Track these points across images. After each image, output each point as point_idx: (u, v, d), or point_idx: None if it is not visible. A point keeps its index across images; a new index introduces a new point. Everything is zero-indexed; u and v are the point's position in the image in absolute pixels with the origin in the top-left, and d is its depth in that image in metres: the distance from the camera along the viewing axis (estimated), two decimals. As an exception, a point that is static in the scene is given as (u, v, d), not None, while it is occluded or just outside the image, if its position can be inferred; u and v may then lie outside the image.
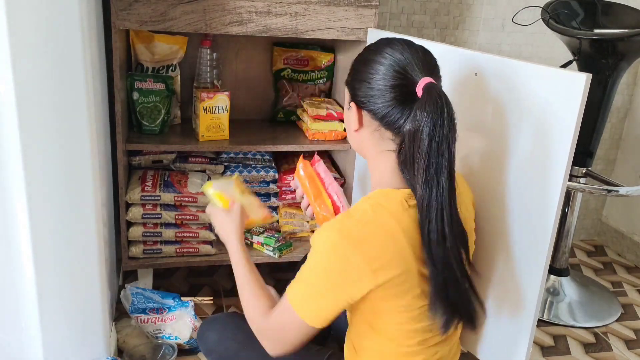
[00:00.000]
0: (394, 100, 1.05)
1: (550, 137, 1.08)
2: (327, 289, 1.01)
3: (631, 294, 2.19)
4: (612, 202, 2.58)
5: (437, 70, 1.09)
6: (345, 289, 1.00)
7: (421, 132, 0.99)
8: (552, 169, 1.08)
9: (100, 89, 1.48)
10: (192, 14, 1.55)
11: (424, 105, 1.00)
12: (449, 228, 1.01)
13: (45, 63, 1.14)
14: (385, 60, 1.06)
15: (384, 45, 1.09)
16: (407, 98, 1.05)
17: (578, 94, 1.02)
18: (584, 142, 1.93)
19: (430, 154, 0.99)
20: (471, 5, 2.15)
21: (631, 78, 2.40)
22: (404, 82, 1.05)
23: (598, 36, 1.83)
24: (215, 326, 1.34)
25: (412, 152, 1.01)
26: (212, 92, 1.74)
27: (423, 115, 0.99)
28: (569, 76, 1.04)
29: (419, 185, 1.00)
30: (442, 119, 0.99)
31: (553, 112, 1.07)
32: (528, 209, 1.15)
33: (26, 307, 1.31)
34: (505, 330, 1.24)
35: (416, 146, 1.00)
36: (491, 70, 1.20)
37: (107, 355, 1.43)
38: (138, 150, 1.82)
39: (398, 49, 1.07)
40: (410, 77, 1.05)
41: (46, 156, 1.20)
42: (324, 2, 1.63)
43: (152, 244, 1.76)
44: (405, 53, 1.07)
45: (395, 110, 1.05)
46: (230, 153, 1.91)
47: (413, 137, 1.00)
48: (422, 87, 1.03)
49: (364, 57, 1.10)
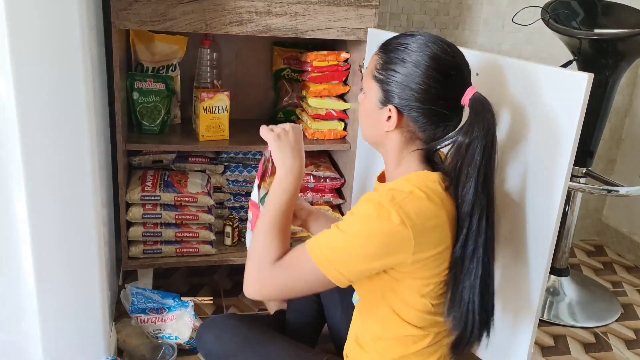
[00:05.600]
0: (442, 109, 1.05)
1: (552, 137, 1.08)
2: (364, 254, 1.00)
3: (631, 294, 2.19)
4: (612, 202, 2.58)
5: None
6: (385, 257, 1.00)
7: (475, 147, 1.01)
8: (554, 169, 1.08)
9: (100, 89, 1.48)
10: (192, 14, 1.55)
11: (480, 120, 1.01)
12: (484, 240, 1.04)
13: (45, 63, 1.14)
14: (433, 65, 1.04)
15: (430, 45, 1.05)
16: (455, 107, 1.06)
17: (580, 94, 1.02)
18: (584, 142, 1.93)
19: (480, 166, 1.02)
20: (471, 5, 2.15)
21: (631, 78, 2.40)
22: (455, 92, 1.05)
23: (598, 36, 1.83)
24: (213, 328, 1.35)
25: (462, 163, 1.03)
26: (212, 92, 1.74)
27: (479, 132, 1.01)
28: (571, 76, 1.04)
29: (469, 193, 1.02)
30: (493, 133, 1.03)
31: (555, 111, 1.07)
32: (529, 208, 1.15)
33: (26, 307, 1.31)
34: (507, 330, 1.24)
35: (469, 158, 1.02)
36: (492, 70, 1.20)
37: (107, 355, 1.43)
38: (138, 150, 1.82)
39: (446, 52, 1.05)
40: (461, 86, 1.05)
41: (46, 156, 1.20)
42: (324, 2, 1.63)
43: (152, 244, 1.76)
44: (454, 58, 1.06)
45: (441, 119, 1.06)
46: (230, 153, 1.90)
47: (466, 150, 1.02)
48: (469, 98, 1.04)
49: (404, 57, 1.05)
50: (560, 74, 1.06)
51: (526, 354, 1.20)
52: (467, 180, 1.02)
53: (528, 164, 1.14)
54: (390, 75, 1.06)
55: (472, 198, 1.02)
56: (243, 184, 1.86)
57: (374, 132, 1.13)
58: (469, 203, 1.02)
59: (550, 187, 1.09)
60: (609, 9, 1.95)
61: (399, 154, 1.11)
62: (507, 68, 1.17)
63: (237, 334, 1.30)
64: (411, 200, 1.00)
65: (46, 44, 1.13)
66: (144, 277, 1.82)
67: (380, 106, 1.09)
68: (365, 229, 1.00)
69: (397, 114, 1.06)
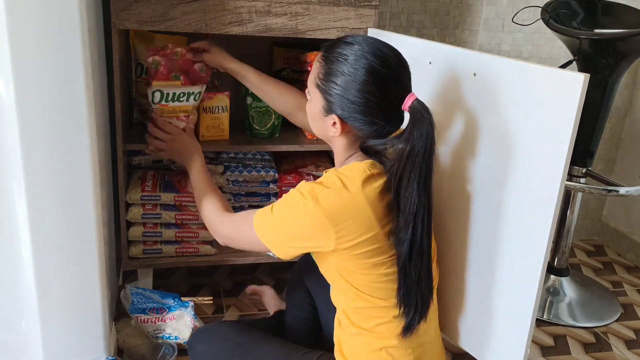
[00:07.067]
0: (383, 120, 1.12)
1: (549, 137, 1.08)
2: (289, 235, 1.14)
3: (631, 294, 2.19)
4: (612, 202, 2.58)
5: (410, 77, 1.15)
6: (308, 240, 1.12)
7: (415, 153, 1.07)
8: (551, 169, 1.08)
9: (100, 89, 1.48)
10: (192, 14, 1.55)
11: (419, 127, 1.07)
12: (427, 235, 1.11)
13: (45, 63, 1.14)
14: (370, 79, 1.08)
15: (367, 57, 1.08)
16: (397, 114, 1.12)
17: (576, 94, 1.02)
18: (584, 142, 1.93)
19: (421, 171, 1.07)
20: (471, 5, 2.15)
21: (631, 78, 2.39)
22: (395, 102, 1.10)
23: (598, 36, 1.83)
24: (203, 337, 1.36)
25: (403, 169, 1.08)
26: (212, 92, 1.74)
27: (419, 138, 1.06)
28: (568, 76, 1.04)
29: (411, 195, 1.07)
30: (433, 138, 1.08)
31: (552, 112, 1.07)
32: (527, 208, 1.15)
33: (26, 307, 1.31)
34: (504, 331, 1.24)
35: (410, 164, 1.07)
36: (490, 70, 1.20)
37: (107, 355, 1.43)
38: (138, 150, 1.82)
39: (384, 63, 1.09)
40: (400, 96, 1.10)
41: (46, 156, 1.20)
42: (324, 2, 1.63)
43: (152, 244, 1.77)
44: (392, 68, 1.10)
45: (383, 127, 1.12)
46: (230, 153, 1.90)
47: (408, 156, 1.07)
48: (408, 105, 1.09)
49: (343, 70, 1.10)
50: (556, 74, 1.06)
51: (523, 354, 1.20)
52: (409, 184, 1.07)
53: (525, 165, 1.14)
54: (331, 88, 1.11)
55: (415, 201, 1.07)
56: (243, 184, 1.86)
57: (322, 134, 1.21)
58: (413, 205, 1.08)
59: (547, 187, 1.09)
60: (609, 9, 1.95)
61: (345, 152, 1.18)
62: (503, 68, 1.17)
63: (228, 341, 1.33)
64: (329, 192, 1.08)
65: (46, 44, 1.13)
66: (144, 277, 1.82)
67: (325, 114, 1.15)
68: (288, 215, 1.12)
69: (340, 123, 1.13)
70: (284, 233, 1.15)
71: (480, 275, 1.29)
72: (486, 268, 1.27)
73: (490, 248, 1.25)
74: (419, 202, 1.08)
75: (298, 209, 1.10)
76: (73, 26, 1.15)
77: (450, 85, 1.29)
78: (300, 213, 1.09)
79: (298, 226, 1.11)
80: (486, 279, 1.27)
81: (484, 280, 1.28)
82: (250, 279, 2.04)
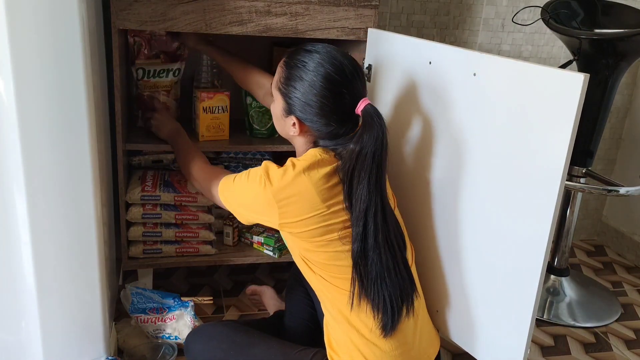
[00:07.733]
0: (338, 123, 1.21)
1: (549, 137, 1.08)
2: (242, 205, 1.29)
3: (631, 294, 2.19)
4: (612, 202, 2.58)
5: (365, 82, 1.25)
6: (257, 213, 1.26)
7: (365, 153, 1.14)
8: (551, 169, 1.08)
9: (100, 89, 1.48)
10: (192, 14, 1.55)
11: (369, 130, 1.15)
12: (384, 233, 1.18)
13: (46, 63, 1.14)
14: (326, 85, 1.18)
15: (324, 65, 1.18)
16: (351, 117, 1.21)
17: (576, 94, 1.02)
18: (584, 142, 1.93)
19: (372, 170, 1.15)
20: (471, 5, 2.15)
21: (631, 78, 2.40)
22: (349, 107, 1.19)
23: (598, 36, 1.83)
24: (199, 337, 1.38)
25: (354, 168, 1.16)
26: (212, 92, 1.74)
27: (369, 140, 1.14)
28: (567, 76, 1.04)
29: (363, 194, 1.15)
30: (383, 140, 1.16)
31: (551, 112, 1.07)
32: (527, 208, 1.15)
33: (26, 307, 1.31)
34: (503, 330, 1.24)
35: (360, 164, 1.15)
36: (490, 70, 1.20)
37: (107, 355, 1.43)
38: (138, 150, 1.82)
39: (339, 71, 1.18)
40: (353, 101, 1.19)
41: (46, 156, 1.20)
42: (324, 2, 1.63)
43: (152, 244, 1.77)
44: (346, 76, 1.19)
45: (336, 129, 1.21)
46: (230, 153, 1.91)
47: (357, 156, 1.15)
48: (361, 109, 1.18)
49: (302, 76, 1.20)
50: (556, 74, 1.06)
51: (522, 354, 1.20)
52: (360, 182, 1.15)
53: (525, 164, 1.14)
54: (291, 91, 1.22)
55: (366, 198, 1.15)
56: (243, 184, 1.86)
57: (283, 133, 1.31)
58: (363, 202, 1.15)
59: (547, 187, 1.09)
60: (609, 9, 1.95)
61: (304, 149, 1.27)
62: (503, 68, 1.17)
63: (224, 341, 1.34)
64: (279, 172, 1.20)
65: (46, 44, 1.14)
66: (144, 277, 1.82)
67: (286, 115, 1.25)
68: (245, 188, 1.26)
69: (299, 123, 1.23)
70: (240, 202, 1.30)
71: (480, 276, 1.29)
72: (486, 268, 1.27)
73: (490, 248, 1.25)
74: (369, 199, 1.15)
75: (254, 185, 1.22)
76: (73, 26, 1.15)
77: (450, 85, 1.29)
78: (254, 189, 1.22)
79: (250, 199, 1.25)
80: (486, 279, 1.27)
81: (484, 281, 1.28)
82: (250, 279, 2.04)
